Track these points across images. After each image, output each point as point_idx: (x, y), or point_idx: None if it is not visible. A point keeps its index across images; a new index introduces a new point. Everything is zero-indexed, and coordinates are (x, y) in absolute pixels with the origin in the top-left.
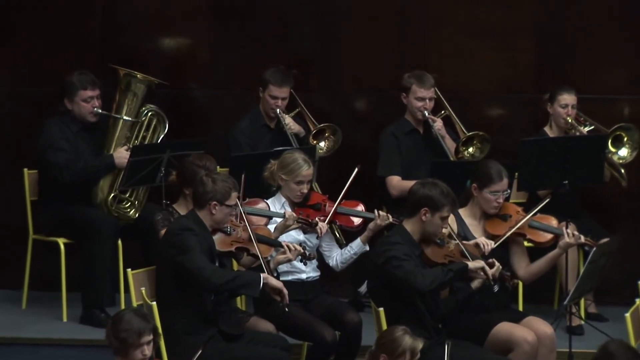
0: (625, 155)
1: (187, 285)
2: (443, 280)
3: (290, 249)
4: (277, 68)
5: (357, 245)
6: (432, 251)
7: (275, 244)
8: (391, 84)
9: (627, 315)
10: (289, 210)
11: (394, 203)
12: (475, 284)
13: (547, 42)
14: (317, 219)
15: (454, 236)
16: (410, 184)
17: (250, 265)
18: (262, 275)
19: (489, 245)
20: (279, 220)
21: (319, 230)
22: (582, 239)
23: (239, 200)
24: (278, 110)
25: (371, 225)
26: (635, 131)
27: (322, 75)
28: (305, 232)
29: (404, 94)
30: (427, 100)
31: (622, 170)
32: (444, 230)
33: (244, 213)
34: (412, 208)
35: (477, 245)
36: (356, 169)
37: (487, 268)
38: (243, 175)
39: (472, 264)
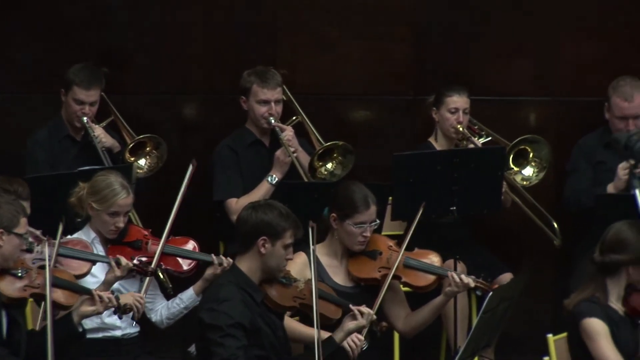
0: (530, 175)
1: None
2: None
3: (100, 299)
4: (83, 65)
5: (188, 298)
6: (278, 293)
7: (79, 290)
8: (229, 85)
9: None
10: (100, 249)
11: None
12: (340, 335)
13: (430, 30)
14: (137, 260)
15: (311, 278)
16: None
17: (54, 317)
18: None
19: (365, 315)
20: (103, 266)
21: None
22: (472, 282)
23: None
24: (85, 118)
25: (208, 273)
26: (543, 145)
27: (141, 75)
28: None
29: (244, 97)
30: (273, 104)
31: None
32: (289, 268)
33: (54, 254)
34: (246, 240)
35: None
36: (191, 167)
37: (360, 321)
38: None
39: (338, 336)
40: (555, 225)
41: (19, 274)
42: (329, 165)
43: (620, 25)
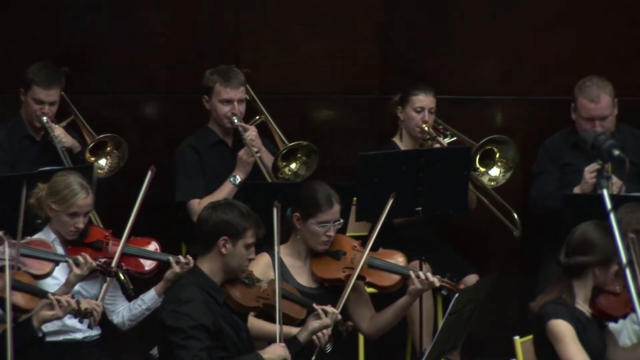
0: (497, 175)
1: None
2: None
3: (59, 303)
4: (43, 64)
5: (150, 299)
6: (241, 294)
7: (39, 293)
8: (191, 84)
9: None
10: (60, 250)
11: None
12: (304, 335)
13: (395, 29)
14: (100, 260)
15: (274, 277)
16: None
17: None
18: None
19: (329, 314)
20: (65, 266)
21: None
22: (437, 281)
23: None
24: (45, 118)
25: (169, 274)
26: (510, 146)
27: (102, 74)
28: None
29: (206, 96)
30: (236, 104)
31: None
32: (252, 269)
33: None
34: (207, 240)
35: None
36: (150, 173)
37: (325, 320)
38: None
39: (302, 336)
40: (515, 215)
41: None
42: (293, 166)
43: (587, 24)
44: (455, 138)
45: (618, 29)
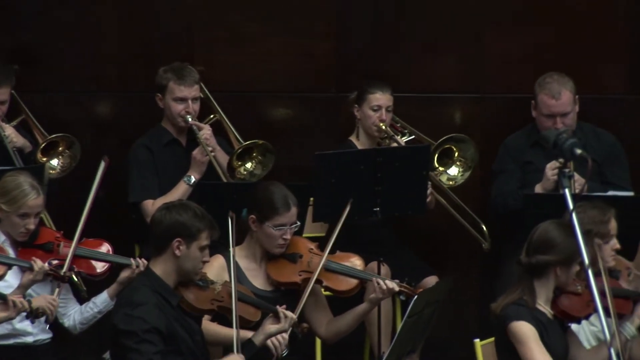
0: (456, 174)
1: None
2: None
3: (14, 304)
4: None
5: (102, 302)
6: (195, 296)
7: None
8: (144, 82)
9: None
10: (11, 251)
11: None
12: (260, 338)
13: (353, 26)
14: (49, 262)
15: (229, 279)
16: None
17: None
18: None
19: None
20: (16, 269)
21: None
22: (396, 287)
23: None
24: None
25: (122, 276)
26: (469, 145)
27: (53, 72)
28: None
29: (160, 94)
30: (190, 102)
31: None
32: (206, 271)
33: None
34: (160, 241)
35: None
36: (103, 163)
37: (283, 325)
38: None
39: (258, 339)
40: (484, 228)
41: None
42: (249, 165)
43: (547, 20)
44: (413, 137)
45: (577, 27)
